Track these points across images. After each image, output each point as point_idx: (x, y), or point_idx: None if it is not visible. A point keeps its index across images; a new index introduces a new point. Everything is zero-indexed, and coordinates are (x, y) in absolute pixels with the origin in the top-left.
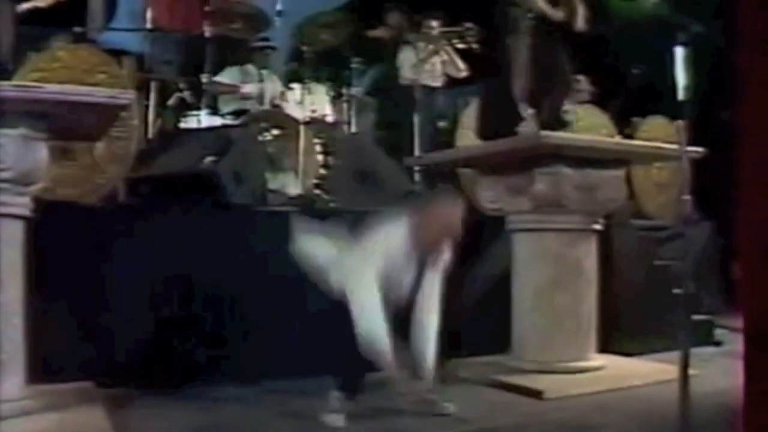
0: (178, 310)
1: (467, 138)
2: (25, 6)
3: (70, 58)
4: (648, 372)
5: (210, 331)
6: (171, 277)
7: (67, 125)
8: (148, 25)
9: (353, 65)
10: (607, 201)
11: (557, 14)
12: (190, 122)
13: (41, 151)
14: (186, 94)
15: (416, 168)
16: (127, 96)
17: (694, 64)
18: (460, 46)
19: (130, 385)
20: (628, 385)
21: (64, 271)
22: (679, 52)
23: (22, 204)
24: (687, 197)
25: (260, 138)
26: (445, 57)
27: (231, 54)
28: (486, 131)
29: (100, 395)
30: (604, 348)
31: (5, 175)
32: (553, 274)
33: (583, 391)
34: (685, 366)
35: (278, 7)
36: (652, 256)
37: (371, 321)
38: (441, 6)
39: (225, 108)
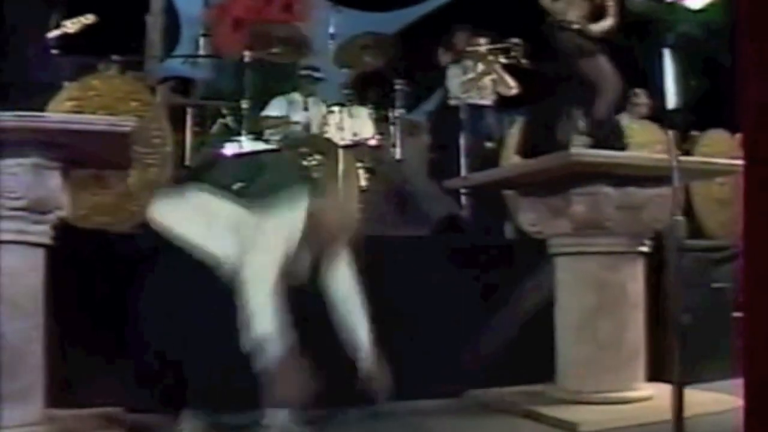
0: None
1: (512, 159)
2: (54, 33)
3: (103, 86)
4: (700, 402)
5: (243, 357)
6: (203, 302)
7: (79, 153)
8: (202, 52)
9: (398, 87)
10: (653, 221)
11: (593, 28)
12: (232, 148)
13: (54, 180)
14: (229, 120)
15: (462, 191)
16: (129, 123)
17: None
18: (505, 61)
19: (161, 412)
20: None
21: (97, 297)
22: (667, 55)
23: (40, 232)
24: (680, 217)
25: (304, 163)
26: (495, 75)
27: (276, 80)
28: (528, 150)
29: (125, 421)
30: (656, 376)
31: (19, 203)
32: (596, 300)
33: (624, 423)
34: (679, 403)
35: (331, 30)
36: (709, 279)
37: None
38: (482, 22)
39: (270, 135)
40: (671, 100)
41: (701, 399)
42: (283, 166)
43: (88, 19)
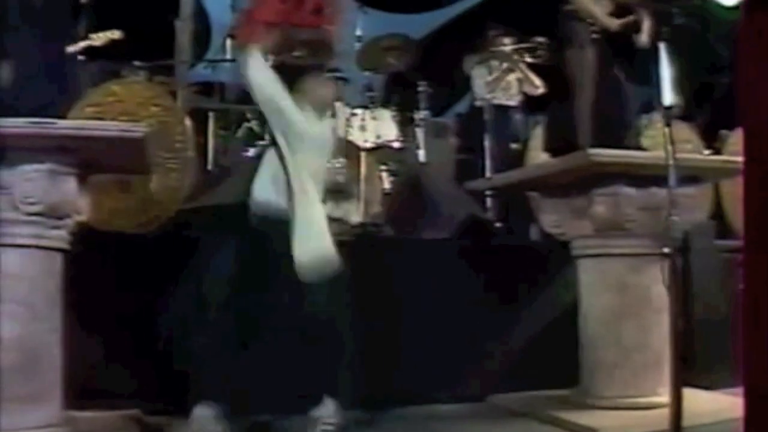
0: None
1: (536, 159)
2: (80, 45)
3: (124, 92)
4: (726, 407)
5: (259, 360)
6: (222, 305)
7: (94, 159)
8: (229, 56)
9: (421, 89)
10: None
11: (612, 23)
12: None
13: (70, 185)
14: (254, 124)
15: (487, 193)
16: (141, 129)
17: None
18: (530, 60)
19: (180, 414)
20: (698, 422)
21: (118, 300)
22: (663, 49)
23: (57, 237)
24: (675, 218)
25: (328, 166)
26: (521, 74)
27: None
28: (551, 150)
29: (143, 423)
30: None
31: (35, 208)
32: (618, 303)
33: (647, 429)
34: (678, 408)
35: (358, 32)
36: (737, 280)
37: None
38: (512, 23)
39: None
40: (667, 96)
41: (728, 404)
42: None
43: (115, 34)
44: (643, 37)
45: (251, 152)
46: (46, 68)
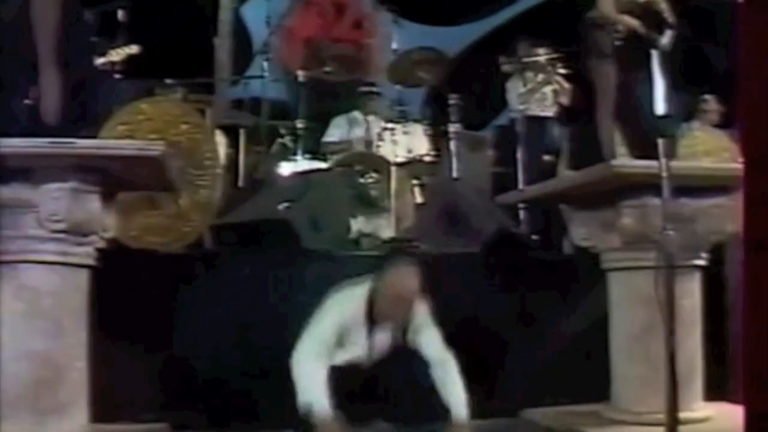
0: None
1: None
2: (100, 61)
3: (153, 110)
4: None
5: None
6: (252, 322)
7: (115, 177)
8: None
9: (452, 102)
10: (709, 233)
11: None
12: (289, 168)
13: (94, 203)
14: (287, 140)
15: (520, 206)
16: (158, 147)
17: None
18: (564, 71)
19: (207, 428)
20: None
21: (149, 315)
22: (655, 57)
23: (83, 253)
24: (670, 232)
25: (361, 181)
26: (556, 85)
27: (335, 98)
28: (576, 162)
29: None
30: (718, 396)
31: (60, 226)
32: (648, 317)
33: None
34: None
35: (394, 45)
36: None
37: (309, 393)
38: (549, 35)
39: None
40: (660, 106)
41: None
42: (329, 185)
43: (132, 49)
44: (664, 41)
45: (283, 168)
46: (76, 86)
